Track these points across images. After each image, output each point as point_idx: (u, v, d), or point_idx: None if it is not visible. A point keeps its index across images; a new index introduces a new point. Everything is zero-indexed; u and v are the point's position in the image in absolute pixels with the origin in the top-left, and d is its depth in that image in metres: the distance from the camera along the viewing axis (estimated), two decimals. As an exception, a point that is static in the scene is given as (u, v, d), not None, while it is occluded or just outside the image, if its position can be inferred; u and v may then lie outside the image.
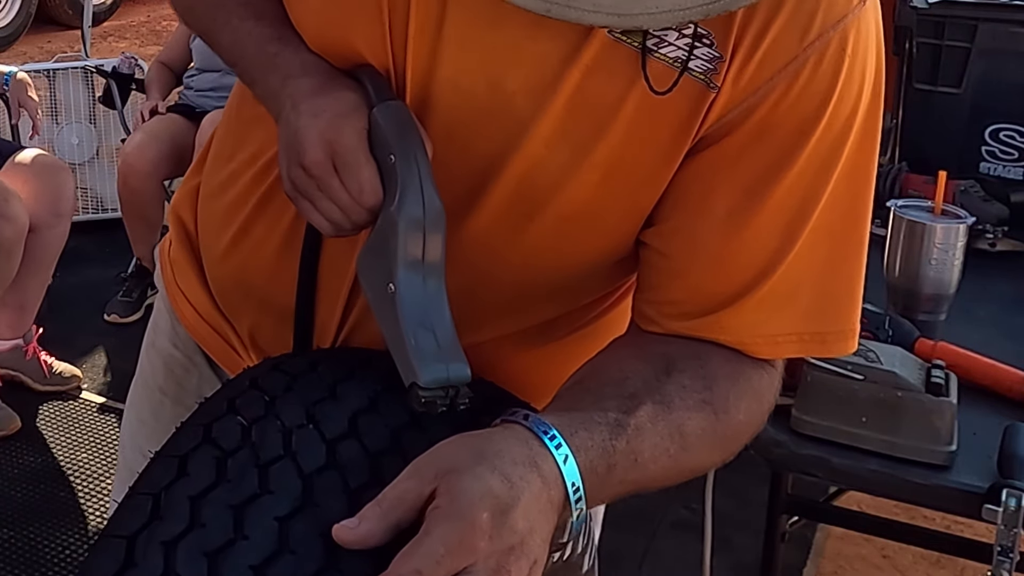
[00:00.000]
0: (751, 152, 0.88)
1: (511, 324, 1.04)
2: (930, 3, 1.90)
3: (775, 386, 0.95)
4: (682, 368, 0.89)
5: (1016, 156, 1.87)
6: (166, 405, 1.23)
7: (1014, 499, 1.14)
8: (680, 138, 0.88)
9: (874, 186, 0.93)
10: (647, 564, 2.07)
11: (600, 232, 0.95)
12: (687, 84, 0.86)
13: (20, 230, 2.75)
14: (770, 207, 0.88)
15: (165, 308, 1.24)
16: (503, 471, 0.73)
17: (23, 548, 2.50)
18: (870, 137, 0.92)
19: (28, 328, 3.07)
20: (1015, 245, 1.69)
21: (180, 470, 0.80)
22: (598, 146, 0.89)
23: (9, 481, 2.73)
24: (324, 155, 0.90)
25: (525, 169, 0.91)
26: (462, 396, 0.84)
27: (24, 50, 6.24)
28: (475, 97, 0.90)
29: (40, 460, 2.83)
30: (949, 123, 1.89)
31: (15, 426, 2.91)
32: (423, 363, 0.83)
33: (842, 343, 0.94)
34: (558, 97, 0.88)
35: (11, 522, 2.57)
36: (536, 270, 0.99)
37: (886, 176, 1.82)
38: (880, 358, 1.22)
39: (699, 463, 0.90)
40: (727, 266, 0.91)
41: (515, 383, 0.99)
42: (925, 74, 1.90)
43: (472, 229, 0.96)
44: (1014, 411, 1.29)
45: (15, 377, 3.07)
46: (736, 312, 0.91)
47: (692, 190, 0.91)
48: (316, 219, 0.93)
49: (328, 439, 0.81)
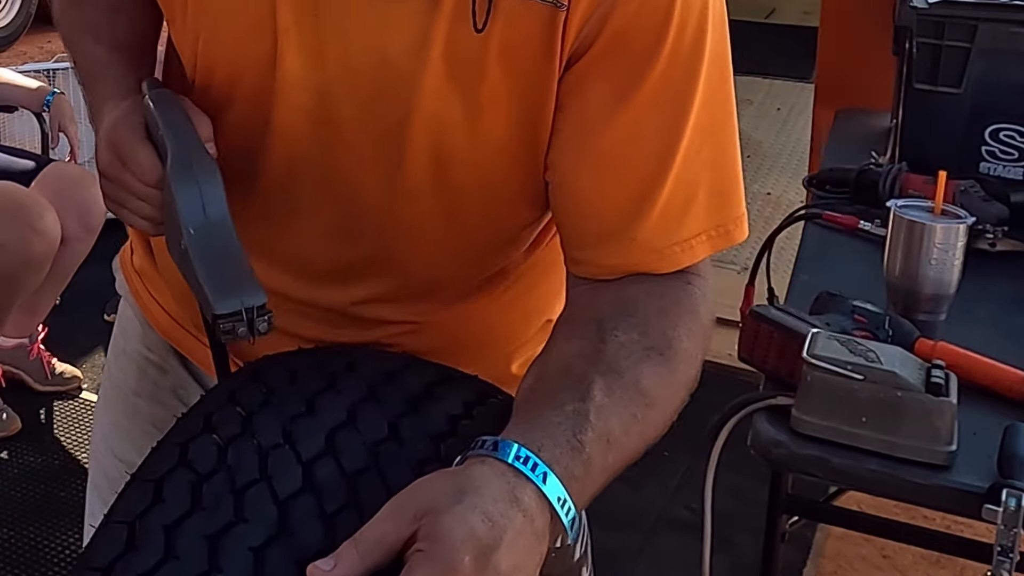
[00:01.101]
0: (614, 58, 0.92)
1: (463, 278, 1.08)
2: (930, 3, 1.90)
3: (707, 295, 0.98)
4: (614, 326, 0.90)
5: (1016, 156, 1.87)
6: (141, 407, 1.24)
7: (1014, 499, 1.14)
8: (548, 63, 0.92)
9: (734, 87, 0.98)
10: (646, 564, 2.07)
11: (515, 174, 0.99)
12: (539, 10, 0.90)
13: (52, 245, 2.74)
14: (643, 104, 0.92)
15: (134, 315, 1.27)
16: (484, 510, 0.72)
17: (23, 548, 2.50)
18: (725, 26, 0.96)
19: (35, 329, 3.07)
20: (1015, 245, 1.69)
21: (155, 496, 0.79)
22: (482, 87, 0.93)
23: (9, 481, 2.73)
24: (111, 155, 0.99)
25: (428, 127, 0.95)
26: (260, 317, 0.90)
27: (24, 50, 6.23)
28: (365, 72, 0.95)
29: (40, 460, 2.83)
30: (949, 123, 1.89)
31: (15, 428, 2.92)
32: (217, 297, 0.90)
33: (740, 229, 1.00)
34: (433, 51, 0.92)
35: (11, 522, 2.57)
36: (472, 226, 1.03)
37: (886, 176, 1.82)
38: (880, 358, 1.22)
39: (668, 410, 0.91)
40: (619, 172, 0.94)
41: (478, 335, 1.05)
42: (925, 74, 1.90)
43: (403, 199, 1.00)
44: (1014, 411, 1.29)
45: (16, 376, 3.07)
46: (643, 224, 0.94)
47: (570, 110, 0.94)
48: (132, 221, 1.01)
49: (304, 460, 0.80)
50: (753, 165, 4.41)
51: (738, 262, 3.62)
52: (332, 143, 0.99)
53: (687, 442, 1.22)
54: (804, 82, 4.68)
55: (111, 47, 1.10)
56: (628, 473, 0.89)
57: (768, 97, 5.12)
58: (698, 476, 1.32)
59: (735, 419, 1.31)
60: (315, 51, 0.95)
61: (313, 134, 0.99)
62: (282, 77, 0.97)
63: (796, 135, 4.59)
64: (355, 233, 1.05)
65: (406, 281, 1.08)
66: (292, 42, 0.95)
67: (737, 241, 0.99)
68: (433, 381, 0.92)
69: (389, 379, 0.91)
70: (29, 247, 2.67)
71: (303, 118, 0.98)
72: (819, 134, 2.62)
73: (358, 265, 1.07)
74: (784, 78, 5.24)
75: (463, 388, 0.92)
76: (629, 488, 2.31)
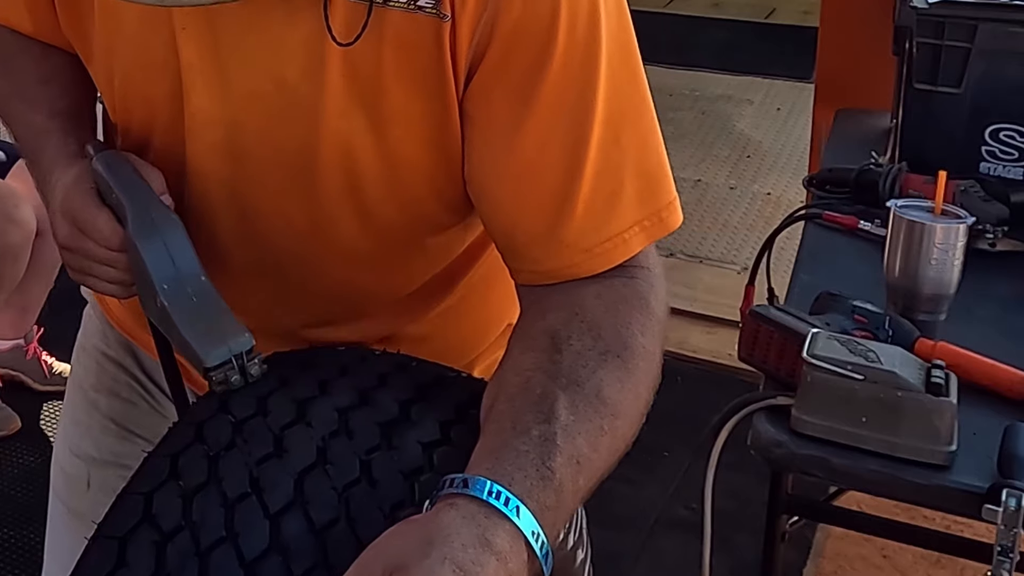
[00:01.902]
0: (509, 62, 0.91)
1: (400, 291, 1.08)
2: (930, 3, 1.90)
3: (655, 286, 0.95)
4: (566, 334, 0.89)
5: (1016, 156, 1.86)
6: (100, 403, 1.25)
7: (1014, 499, 1.14)
8: (441, 75, 0.91)
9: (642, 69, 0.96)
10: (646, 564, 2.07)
11: (433, 186, 0.98)
12: (424, 23, 0.89)
13: (28, 234, 2.75)
14: (547, 105, 0.91)
15: (95, 314, 1.28)
16: (455, 560, 0.71)
17: (23, 548, 2.50)
18: (623, 14, 0.95)
19: (29, 328, 3.07)
20: (1015, 245, 1.69)
21: (119, 558, 0.77)
22: (383, 103, 0.93)
23: (9, 481, 2.73)
24: (69, 227, 0.99)
25: (336, 147, 0.95)
26: (251, 361, 0.88)
27: (24, 50, 6.23)
28: (268, 98, 0.94)
29: (40, 460, 2.83)
30: (949, 123, 1.89)
31: (15, 426, 2.91)
32: (204, 349, 0.88)
33: (674, 215, 0.97)
34: (330, 71, 0.92)
35: (11, 522, 2.57)
36: (396, 238, 1.02)
37: (886, 176, 1.82)
38: (880, 358, 1.22)
39: (633, 417, 0.89)
40: (533, 181, 0.93)
41: (436, 348, 1.02)
42: (925, 74, 1.89)
43: (323, 220, 0.99)
44: (1014, 411, 1.29)
45: (15, 377, 3.06)
46: (570, 224, 0.92)
47: (478, 122, 0.93)
48: (101, 287, 1.01)
49: (272, 513, 0.78)
50: (753, 165, 4.40)
51: (738, 262, 3.62)
52: (245, 179, 0.99)
53: (687, 442, 1.22)
54: (804, 82, 4.66)
55: (48, 115, 1.09)
56: (628, 473, 0.88)
57: (768, 97, 5.12)
58: (698, 476, 1.32)
59: (735, 419, 1.31)
60: (219, 83, 0.95)
61: (227, 172, 0.99)
62: (191, 114, 0.97)
63: (796, 135, 4.58)
64: (283, 265, 1.04)
65: (346, 303, 1.08)
66: (196, 77, 0.95)
67: (672, 227, 0.97)
68: (409, 399, 0.89)
69: (364, 401, 0.88)
70: (5, 237, 2.69)
71: (215, 155, 0.98)
72: (819, 134, 2.62)
73: (295, 293, 1.07)
74: (784, 78, 5.23)
75: (441, 405, 0.89)
76: (629, 488, 2.31)
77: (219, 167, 0.99)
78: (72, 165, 1.02)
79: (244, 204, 1.01)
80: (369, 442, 0.84)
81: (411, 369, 0.94)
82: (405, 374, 0.93)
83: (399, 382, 0.91)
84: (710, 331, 3.23)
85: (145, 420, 1.23)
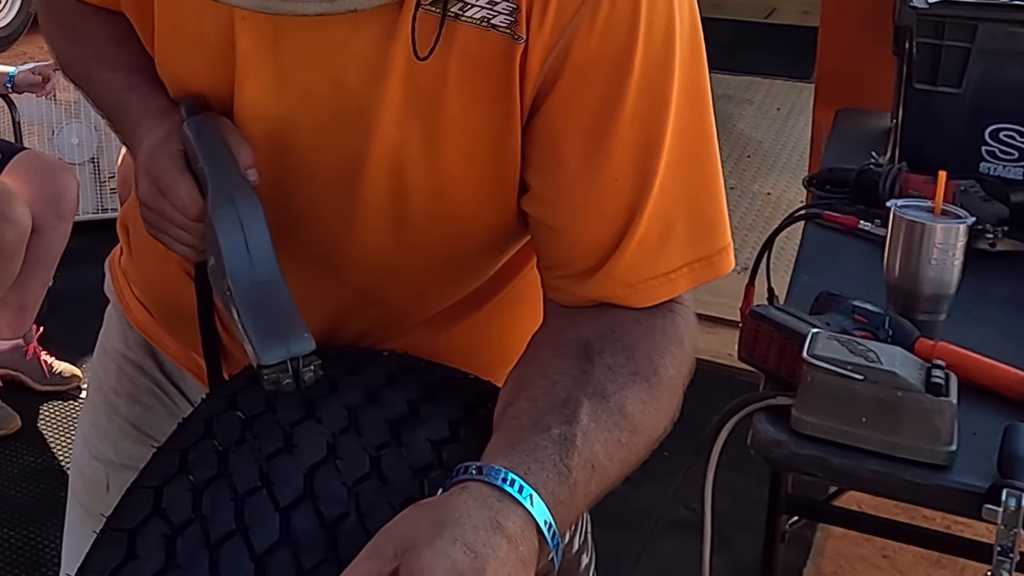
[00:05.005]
0: (580, 94, 0.90)
1: (427, 307, 1.07)
2: (930, 3, 1.90)
3: (691, 324, 0.96)
4: (600, 348, 0.89)
5: (1016, 156, 1.87)
6: (119, 406, 1.25)
7: (1014, 499, 1.14)
8: (508, 96, 0.90)
9: (710, 100, 0.95)
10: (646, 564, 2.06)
11: (480, 206, 0.97)
12: (496, 41, 0.88)
13: (23, 232, 2.75)
14: (619, 142, 0.90)
15: (117, 315, 1.28)
16: (466, 541, 0.71)
17: (23, 548, 2.50)
18: (697, 52, 0.94)
19: (28, 328, 3.07)
20: (1015, 245, 1.69)
21: (129, 550, 0.77)
22: (442, 118, 0.91)
23: (9, 481, 2.73)
24: (151, 186, 0.97)
25: (388, 155, 0.93)
26: (306, 367, 0.84)
27: (24, 50, 6.23)
28: (323, 98, 0.93)
29: (40, 460, 2.83)
30: (949, 123, 1.89)
31: (15, 426, 2.92)
32: (262, 345, 0.85)
33: (726, 260, 0.96)
34: (392, 79, 0.90)
35: (11, 522, 2.57)
36: (433, 254, 1.01)
37: (886, 176, 1.82)
38: (880, 358, 1.22)
39: (650, 437, 0.90)
40: (596, 211, 0.92)
41: (458, 357, 1.01)
42: (925, 74, 1.90)
43: (360, 228, 0.98)
44: (1014, 411, 1.29)
45: (15, 377, 3.07)
46: (620, 259, 0.92)
47: (545, 147, 0.92)
48: (174, 247, 0.99)
49: (282, 507, 0.78)
50: (753, 165, 4.40)
51: (738, 262, 3.61)
52: (287, 176, 0.98)
53: (687, 442, 1.22)
54: (804, 82, 4.67)
55: (129, 71, 1.07)
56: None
57: (768, 97, 5.12)
58: (698, 476, 1.32)
59: (735, 419, 1.31)
60: (274, 78, 0.94)
61: (268, 167, 0.98)
62: (242, 105, 0.96)
63: (796, 135, 4.58)
64: (310, 266, 1.03)
65: (368, 312, 1.06)
66: (251, 68, 0.94)
67: (722, 273, 0.96)
68: (418, 398, 0.89)
69: (373, 399, 0.87)
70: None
71: (259, 149, 0.97)
72: (819, 134, 2.62)
73: (316, 297, 1.05)
74: (784, 78, 5.23)
75: (449, 404, 0.90)
76: (629, 488, 2.31)
77: (262, 162, 0.97)
78: (161, 123, 1.00)
79: (280, 201, 0.99)
80: (379, 439, 0.84)
81: (419, 370, 0.94)
82: (413, 374, 0.93)
83: (408, 382, 0.91)
84: (710, 331, 3.23)
85: (164, 425, 1.22)
